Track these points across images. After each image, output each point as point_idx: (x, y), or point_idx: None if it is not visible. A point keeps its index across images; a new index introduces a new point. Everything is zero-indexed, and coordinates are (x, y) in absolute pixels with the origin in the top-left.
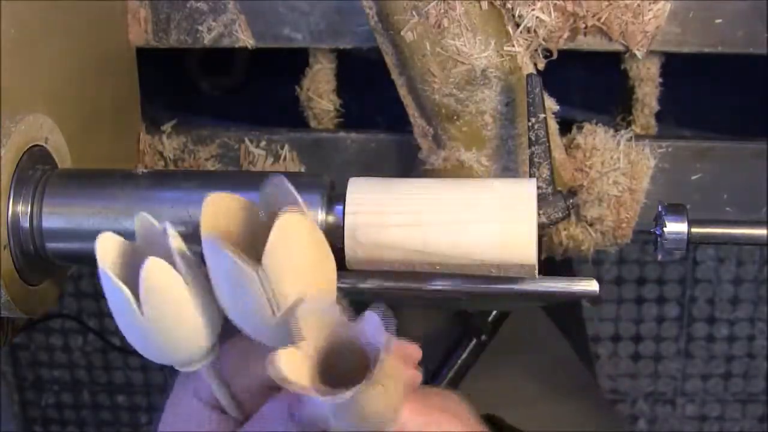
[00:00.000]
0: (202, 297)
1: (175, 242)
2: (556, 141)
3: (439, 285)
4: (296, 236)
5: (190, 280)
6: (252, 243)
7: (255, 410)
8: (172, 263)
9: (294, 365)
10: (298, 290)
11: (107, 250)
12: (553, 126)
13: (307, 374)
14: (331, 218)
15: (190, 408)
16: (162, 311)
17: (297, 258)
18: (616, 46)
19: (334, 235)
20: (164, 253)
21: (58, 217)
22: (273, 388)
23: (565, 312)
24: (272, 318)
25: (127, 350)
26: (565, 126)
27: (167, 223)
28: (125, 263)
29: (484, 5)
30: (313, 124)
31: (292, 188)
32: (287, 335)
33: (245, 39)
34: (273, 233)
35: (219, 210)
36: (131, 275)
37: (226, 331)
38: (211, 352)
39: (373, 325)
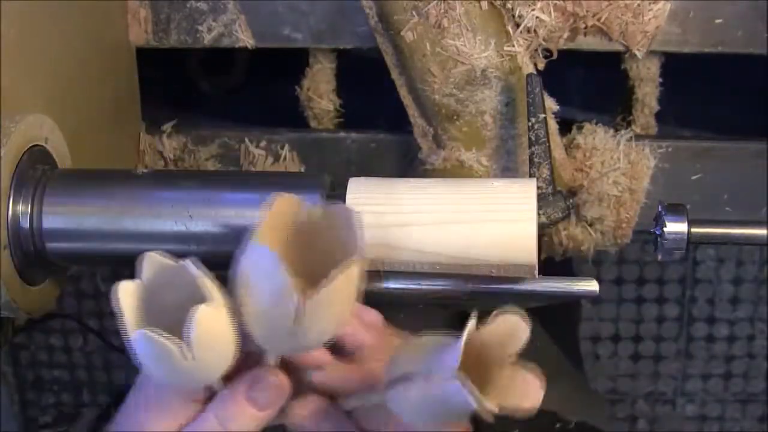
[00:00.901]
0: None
1: (204, 281)
2: (556, 141)
3: (439, 285)
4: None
5: (224, 306)
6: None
7: None
8: (197, 297)
9: None
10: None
11: (127, 296)
12: (553, 126)
13: None
14: None
15: (165, 398)
16: (212, 352)
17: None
18: (616, 46)
19: None
20: (181, 285)
21: (58, 217)
22: None
23: (555, 314)
24: (289, 326)
25: (127, 350)
26: (565, 126)
27: (188, 262)
28: (138, 305)
29: (484, 5)
30: (313, 124)
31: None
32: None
33: (245, 39)
34: (337, 280)
35: (279, 213)
36: (150, 315)
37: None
38: None
39: None
